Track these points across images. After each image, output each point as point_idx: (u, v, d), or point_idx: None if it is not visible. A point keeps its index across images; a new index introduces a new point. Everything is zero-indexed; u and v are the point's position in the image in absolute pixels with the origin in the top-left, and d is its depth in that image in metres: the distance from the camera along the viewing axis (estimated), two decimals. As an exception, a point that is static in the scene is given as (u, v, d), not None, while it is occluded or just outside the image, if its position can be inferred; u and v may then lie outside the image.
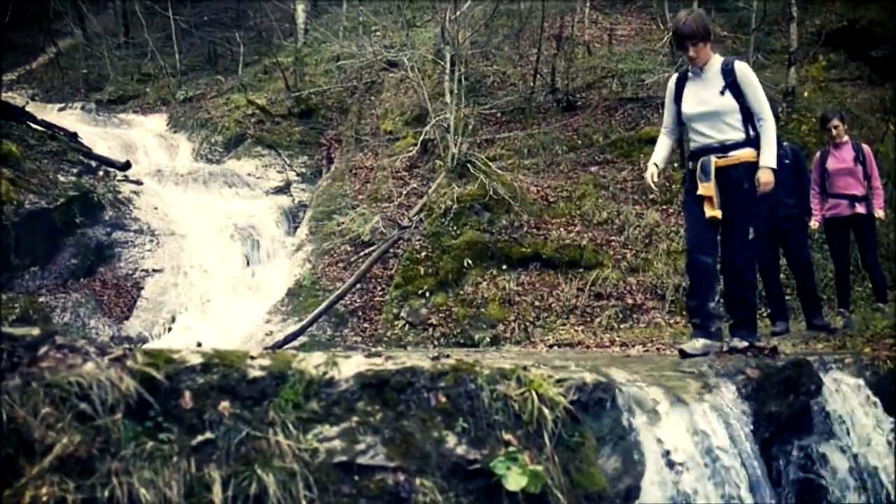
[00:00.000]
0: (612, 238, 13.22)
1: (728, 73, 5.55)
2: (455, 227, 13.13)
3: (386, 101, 19.37)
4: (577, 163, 15.30)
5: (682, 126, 6.01)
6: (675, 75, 5.97)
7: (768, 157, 5.44)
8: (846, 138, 8.71)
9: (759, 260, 8.75)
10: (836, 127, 8.63)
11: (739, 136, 5.53)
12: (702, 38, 5.57)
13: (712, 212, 5.55)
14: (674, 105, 5.90)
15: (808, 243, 9.05)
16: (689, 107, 5.73)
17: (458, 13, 15.60)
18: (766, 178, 5.42)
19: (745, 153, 5.51)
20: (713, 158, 5.55)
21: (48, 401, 2.67)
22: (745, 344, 5.35)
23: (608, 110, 16.80)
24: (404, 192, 15.07)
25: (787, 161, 8.42)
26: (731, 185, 5.51)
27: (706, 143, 5.62)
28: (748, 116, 5.53)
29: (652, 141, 5.99)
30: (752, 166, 5.48)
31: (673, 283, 11.79)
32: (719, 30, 17.73)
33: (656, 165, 5.94)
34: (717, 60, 5.67)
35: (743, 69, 5.56)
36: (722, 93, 5.55)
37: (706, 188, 5.54)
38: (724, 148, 5.56)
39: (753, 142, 5.52)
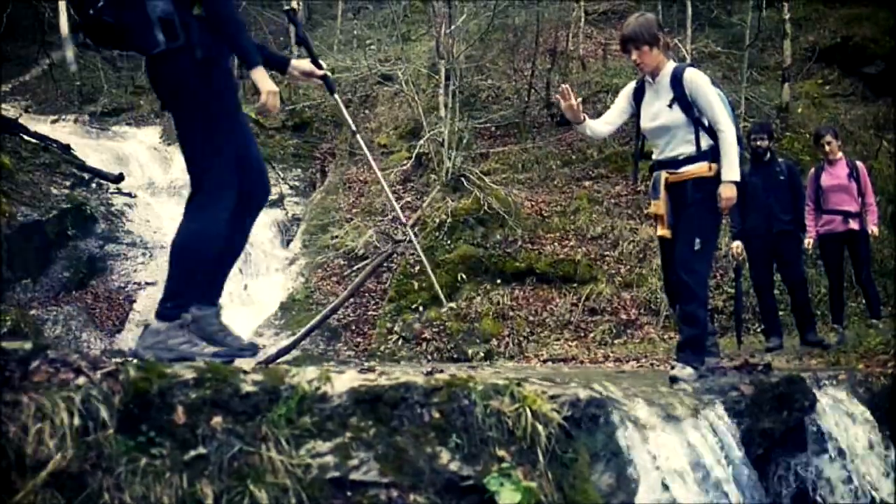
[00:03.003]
0: (607, 253, 13.23)
1: (676, 84, 5.17)
2: (449, 241, 13.13)
3: (380, 115, 19.40)
4: (572, 177, 15.33)
5: (620, 123, 5.72)
6: (633, 83, 5.57)
7: (728, 171, 5.05)
8: (840, 154, 8.75)
9: (752, 276, 8.82)
10: (829, 143, 8.66)
11: (690, 149, 5.18)
12: (645, 42, 5.16)
13: (661, 230, 5.33)
14: (629, 106, 5.54)
15: (803, 259, 9.06)
16: (644, 121, 5.42)
17: (452, 27, 15.64)
18: (726, 193, 5.04)
19: (696, 168, 5.15)
20: (664, 175, 5.25)
21: (40, 416, 2.65)
22: (689, 371, 4.97)
23: (602, 125, 16.81)
24: (398, 206, 15.06)
25: (782, 177, 8.46)
26: (682, 201, 5.20)
27: (661, 158, 5.32)
28: (701, 128, 5.17)
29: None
30: (704, 181, 5.13)
31: (667, 299, 11.80)
32: (713, 46, 17.81)
33: (586, 117, 5.52)
34: (669, 69, 5.27)
35: (692, 78, 5.15)
36: (670, 106, 5.19)
37: (655, 206, 5.29)
38: (675, 163, 5.23)
39: (707, 154, 5.14)
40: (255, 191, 4.19)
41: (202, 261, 3.92)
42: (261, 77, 3.82)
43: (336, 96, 5.43)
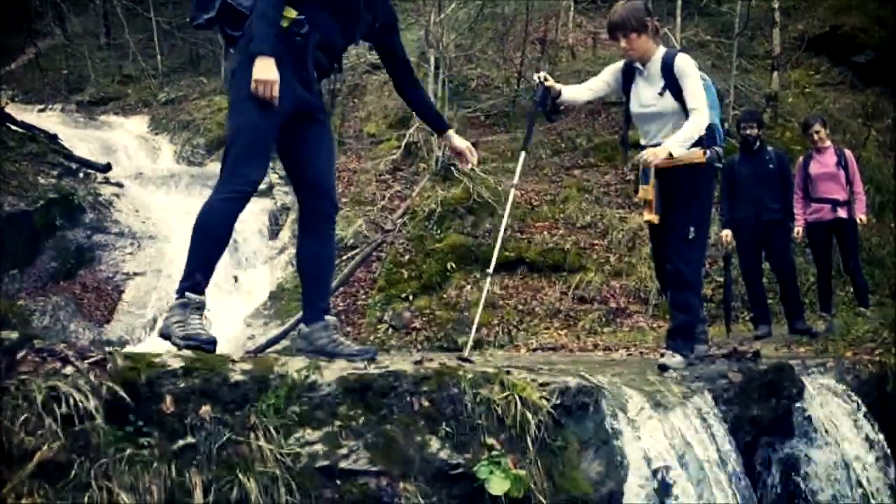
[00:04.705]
0: (596, 242, 13.23)
1: (667, 72, 5.13)
2: (438, 231, 13.11)
3: (369, 104, 19.31)
4: (561, 166, 15.32)
5: (601, 95, 5.80)
6: (622, 62, 5.49)
7: (674, 143, 4.92)
8: (828, 143, 8.76)
9: (742, 264, 8.84)
10: (817, 132, 8.68)
11: None
12: (633, 30, 5.11)
13: (648, 215, 5.30)
14: (615, 84, 5.53)
15: (792, 247, 9.08)
16: (633, 106, 5.39)
17: (442, 16, 15.60)
18: (648, 155, 4.99)
19: (689, 154, 5.06)
20: None
21: (27, 406, 2.64)
22: (678, 359, 4.96)
23: (592, 114, 16.81)
24: (388, 196, 15.01)
25: (771, 166, 8.46)
26: (673, 187, 5.16)
27: (652, 143, 5.22)
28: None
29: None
30: (696, 167, 5.10)
31: (656, 287, 11.77)
32: (702, 35, 17.81)
33: (555, 86, 5.62)
34: (659, 55, 5.22)
35: (680, 64, 5.11)
36: (661, 94, 5.16)
37: (644, 191, 5.24)
38: None
39: (699, 140, 5.07)
40: (306, 207, 4.16)
41: (202, 237, 3.95)
42: (257, 64, 3.66)
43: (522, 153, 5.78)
